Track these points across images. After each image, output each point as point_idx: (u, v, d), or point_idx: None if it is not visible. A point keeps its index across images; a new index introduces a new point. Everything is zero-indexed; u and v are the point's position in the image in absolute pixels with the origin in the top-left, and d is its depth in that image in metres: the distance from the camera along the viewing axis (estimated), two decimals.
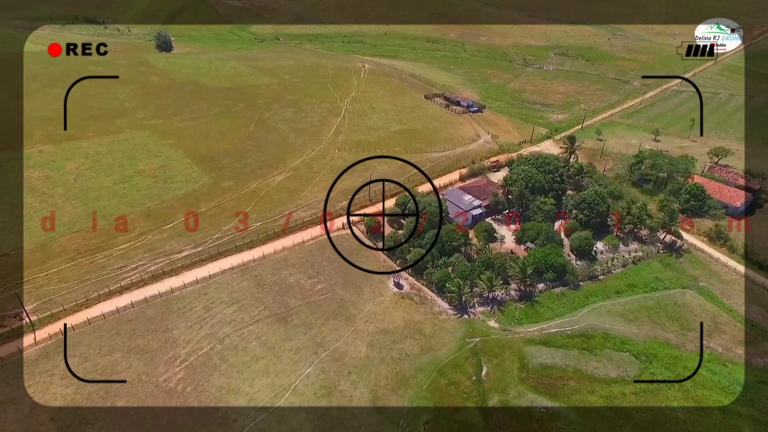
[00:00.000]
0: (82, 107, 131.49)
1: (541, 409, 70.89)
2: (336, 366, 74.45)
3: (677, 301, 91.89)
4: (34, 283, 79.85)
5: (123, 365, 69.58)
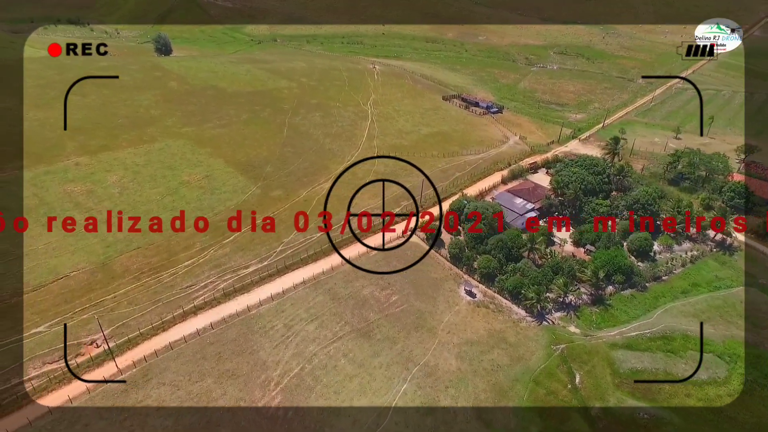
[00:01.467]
0: (107, 115, 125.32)
1: (644, 415, 70.49)
2: (431, 381, 72.49)
3: (742, 299, 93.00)
4: (102, 306, 75.14)
5: (217, 392, 66.02)
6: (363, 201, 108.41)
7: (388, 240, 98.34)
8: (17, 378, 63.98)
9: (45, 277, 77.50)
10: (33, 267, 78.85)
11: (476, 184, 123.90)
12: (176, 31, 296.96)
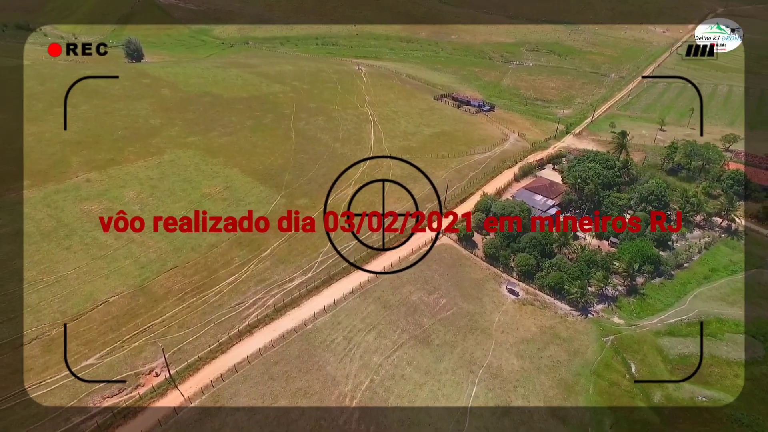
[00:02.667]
0: (106, 126, 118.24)
1: (703, 398, 73.57)
2: (498, 382, 72.92)
3: (759, 280, 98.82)
4: (152, 332, 70.90)
5: (295, 412, 63.78)
6: (389, 205, 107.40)
7: (424, 242, 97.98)
8: (78, 417, 59.37)
9: (83, 304, 72.24)
10: (68, 294, 73.35)
11: (491, 183, 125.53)
12: (140, 35, 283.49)
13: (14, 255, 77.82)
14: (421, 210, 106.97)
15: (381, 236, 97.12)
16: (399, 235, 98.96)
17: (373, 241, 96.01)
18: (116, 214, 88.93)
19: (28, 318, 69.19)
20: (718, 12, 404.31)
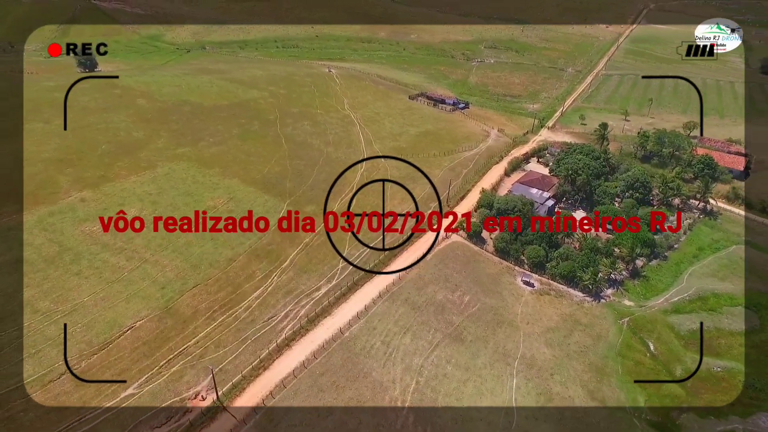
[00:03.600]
0: (87, 142, 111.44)
1: (718, 368, 79.51)
2: (535, 371, 75.57)
3: (740, 255, 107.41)
4: (189, 354, 68.05)
5: (353, 422, 63.45)
6: (393, 206, 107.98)
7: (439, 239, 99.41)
8: None
9: (108, 332, 68.19)
10: (89, 323, 68.96)
11: (484, 179, 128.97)
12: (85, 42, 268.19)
13: (20, 285, 72.11)
14: (427, 209, 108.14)
15: (399, 237, 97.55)
16: (413, 235, 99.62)
17: (390, 242, 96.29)
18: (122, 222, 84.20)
19: (52, 351, 64.57)
20: (651, 8, 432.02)
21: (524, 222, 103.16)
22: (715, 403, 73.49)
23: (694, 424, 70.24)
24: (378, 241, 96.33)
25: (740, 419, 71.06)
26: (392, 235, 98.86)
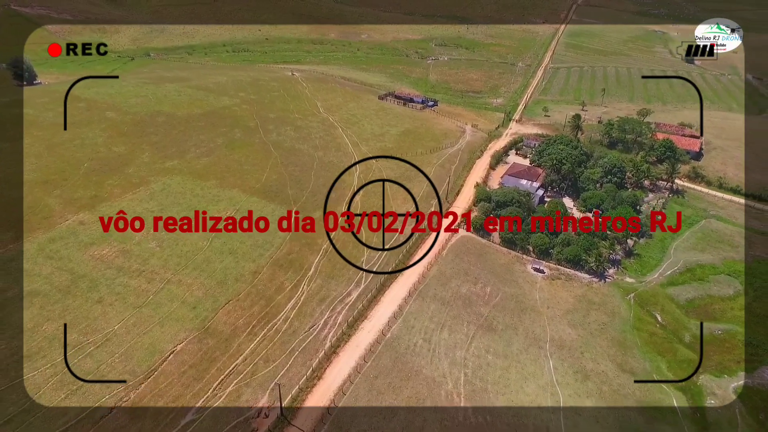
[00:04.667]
0: (66, 160, 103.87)
1: (719, 331, 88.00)
2: (566, 352, 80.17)
3: (711, 228, 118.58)
4: (240, 373, 66.20)
5: (418, 421, 64.63)
6: (396, 205, 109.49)
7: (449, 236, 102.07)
8: None
9: (149, 359, 64.84)
10: (126, 352, 65.17)
11: (472, 174, 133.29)
12: (11, 53, 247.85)
13: (42, 319, 66.76)
14: (429, 206, 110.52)
15: (416, 236, 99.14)
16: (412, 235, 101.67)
17: (398, 242, 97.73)
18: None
19: (94, 386, 60.53)
20: (579, 2, 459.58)
21: (523, 214, 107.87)
22: (724, 362, 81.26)
23: (712, 383, 77.47)
24: (394, 241, 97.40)
25: (748, 375, 79.10)
26: (412, 236, 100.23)
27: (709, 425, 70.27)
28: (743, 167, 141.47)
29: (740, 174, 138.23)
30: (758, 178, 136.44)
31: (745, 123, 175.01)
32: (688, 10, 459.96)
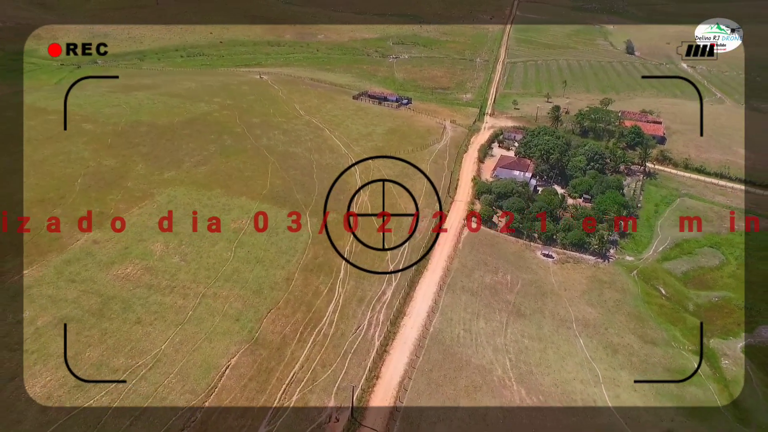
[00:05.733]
0: (57, 177, 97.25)
1: (716, 298, 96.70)
2: (592, 330, 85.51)
3: (686, 205, 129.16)
4: (301, 380, 65.68)
5: (481, 408, 66.89)
6: (403, 203, 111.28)
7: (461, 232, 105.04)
8: None
9: (206, 376, 62.89)
10: (182, 371, 62.84)
11: (463, 168, 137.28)
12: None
13: (83, 345, 62.96)
14: (432, 203, 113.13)
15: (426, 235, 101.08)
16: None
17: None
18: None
19: (158, 411, 58.09)
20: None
21: (524, 204, 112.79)
22: (727, 326, 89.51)
23: (722, 345, 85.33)
24: (415, 238, 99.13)
25: (749, 334, 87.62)
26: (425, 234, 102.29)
27: (729, 383, 77.38)
28: (702, 148, 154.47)
29: (702, 155, 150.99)
30: (717, 158, 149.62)
31: (688, 108, 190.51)
32: (618, 5, 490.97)
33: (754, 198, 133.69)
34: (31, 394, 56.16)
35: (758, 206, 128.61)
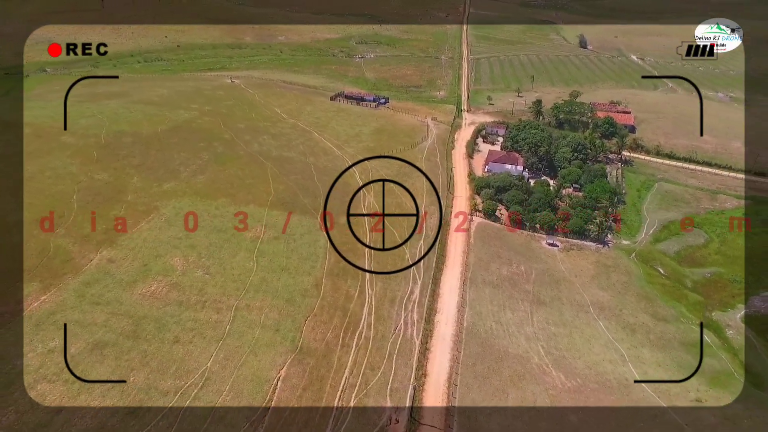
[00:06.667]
0: (50, 195, 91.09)
1: (708, 274, 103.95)
2: (608, 312, 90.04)
3: (665, 189, 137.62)
4: (354, 386, 65.39)
5: (528, 396, 69.10)
6: (408, 201, 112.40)
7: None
8: None
9: (258, 390, 61.35)
10: (233, 388, 60.86)
11: (455, 164, 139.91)
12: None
13: (126, 370, 59.75)
14: (435, 201, 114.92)
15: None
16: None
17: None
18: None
19: (218, 429, 56.27)
20: None
21: (523, 196, 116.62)
22: (724, 299, 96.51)
23: (723, 317, 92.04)
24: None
25: (743, 305, 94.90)
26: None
27: (737, 351, 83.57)
28: (669, 135, 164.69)
29: (670, 141, 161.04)
30: (684, 143, 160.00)
31: (654, 97, 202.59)
32: (562, 1, 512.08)
33: (720, 180, 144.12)
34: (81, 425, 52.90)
35: (728, 187, 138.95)
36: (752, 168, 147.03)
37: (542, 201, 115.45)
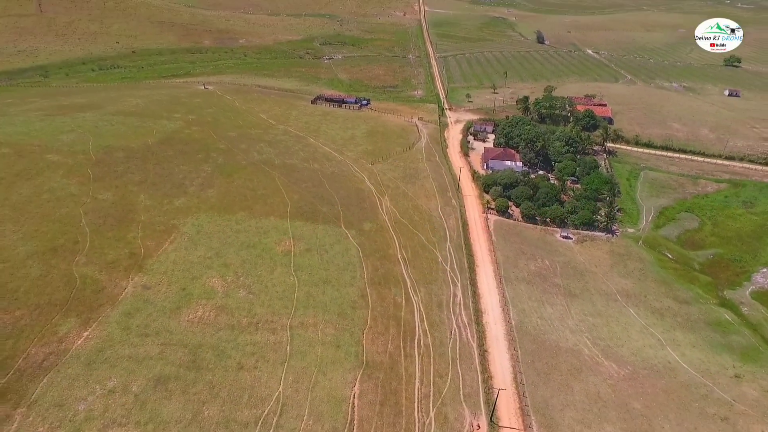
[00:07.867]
0: (56, 220, 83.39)
1: (710, 255, 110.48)
2: (635, 299, 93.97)
3: (651, 177, 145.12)
4: (428, 395, 64.57)
5: (592, 387, 70.77)
6: (422, 201, 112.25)
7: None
8: None
9: (338, 410, 59.33)
10: (312, 411, 58.45)
11: (453, 163, 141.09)
12: None
13: (197, 404, 55.90)
14: (445, 198, 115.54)
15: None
16: None
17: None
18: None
19: None
20: None
21: (530, 192, 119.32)
22: (730, 278, 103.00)
23: (735, 294, 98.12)
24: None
25: (748, 283, 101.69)
26: None
27: (756, 326, 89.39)
28: (644, 125, 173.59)
29: (646, 131, 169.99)
30: (659, 132, 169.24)
31: (619, 90, 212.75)
32: None
33: (697, 165, 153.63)
34: None
35: (705, 172, 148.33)
36: (722, 153, 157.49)
37: (549, 195, 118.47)
